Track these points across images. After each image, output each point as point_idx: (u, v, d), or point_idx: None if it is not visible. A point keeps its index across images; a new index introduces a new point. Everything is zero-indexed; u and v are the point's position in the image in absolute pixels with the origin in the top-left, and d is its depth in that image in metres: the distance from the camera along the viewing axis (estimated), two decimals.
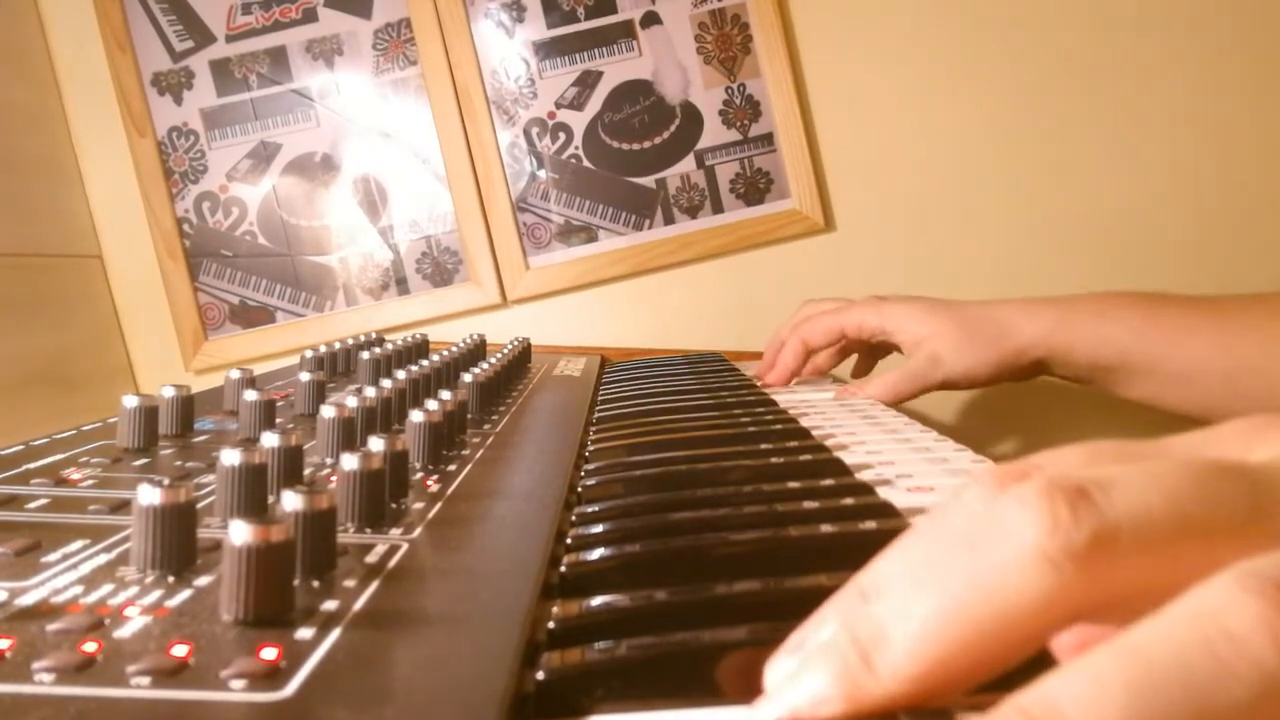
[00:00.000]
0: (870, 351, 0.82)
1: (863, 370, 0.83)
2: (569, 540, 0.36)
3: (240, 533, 0.24)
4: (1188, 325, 0.65)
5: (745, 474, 0.44)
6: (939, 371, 0.69)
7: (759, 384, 0.76)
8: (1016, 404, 1.02)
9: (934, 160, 1.04)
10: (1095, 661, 0.15)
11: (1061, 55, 1.03)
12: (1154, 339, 0.65)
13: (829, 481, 0.41)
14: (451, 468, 0.43)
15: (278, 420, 0.50)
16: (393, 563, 0.29)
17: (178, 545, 0.27)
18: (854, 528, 0.34)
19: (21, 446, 0.44)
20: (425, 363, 0.60)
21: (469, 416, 0.54)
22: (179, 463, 0.43)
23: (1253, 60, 1.02)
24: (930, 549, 0.18)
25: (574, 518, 0.39)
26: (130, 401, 0.44)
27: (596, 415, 0.65)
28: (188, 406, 0.48)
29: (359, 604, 0.26)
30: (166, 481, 0.27)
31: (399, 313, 1.05)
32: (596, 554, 0.33)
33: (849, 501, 0.38)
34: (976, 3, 1.03)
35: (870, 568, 0.19)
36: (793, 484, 0.41)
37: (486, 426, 0.53)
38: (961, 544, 0.18)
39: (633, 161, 1.05)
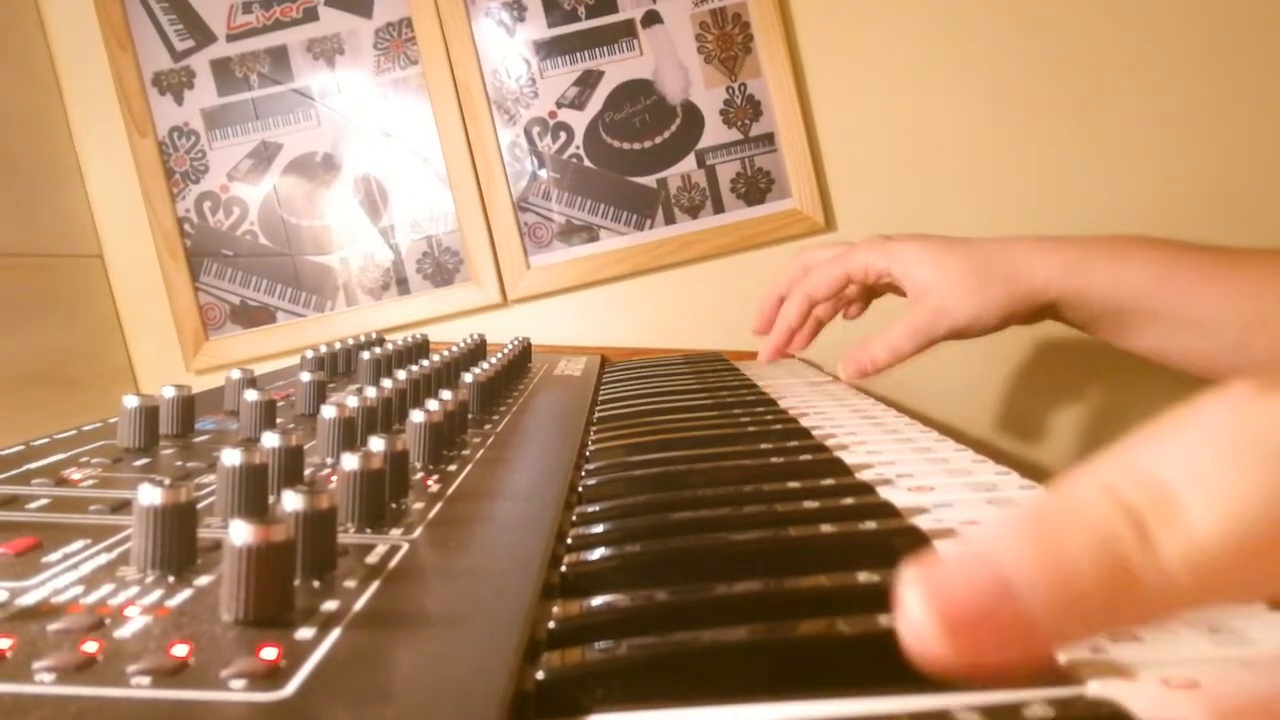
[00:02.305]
0: (866, 294, 0.78)
1: (857, 313, 0.79)
2: (569, 540, 0.36)
3: (241, 533, 0.24)
4: (1208, 273, 0.62)
5: (745, 474, 0.44)
6: (945, 322, 0.65)
7: (748, 371, 0.73)
8: (1019, 403, 1.02)
9: (934, 160, 1.04)
10: None
11: (1061, 55, 1.03)
12: (1173, 284, 0.62)
13: (829, 481, 0.41)
14: (452, 468, 0.43)
15: (278, 420, 0.50)
16: (393, 563, 0.29)
17: (178, 545, 0.27)
18: (854, 528, 0.34)
19: (22, 446, 0.44)
20: (425, 362, 0.60)
21: (469, 416, 0.54)
22: (179, 463, 0.43)
23: (1258, 52, 1.02)
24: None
25: (574, 517, 0.39)
26: (131, 401, 0.44)
27: (597, 415, 0.65)
28: (188, 406, 0.48)
29: (359, 604, 0.26)
30: (167, 481, 0.27)
31: (399, 312, 1.05)
32: (597, 554, 0.33)
33: (849, 501, 0.38)
34: (976, 3, 1.03)
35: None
36: (793, 484, 0.41)
37: (487, 426, 0.53)
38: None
39: (634, 161, 1.05)
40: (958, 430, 1.01)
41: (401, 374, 0.55)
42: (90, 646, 0.22)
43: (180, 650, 0.22)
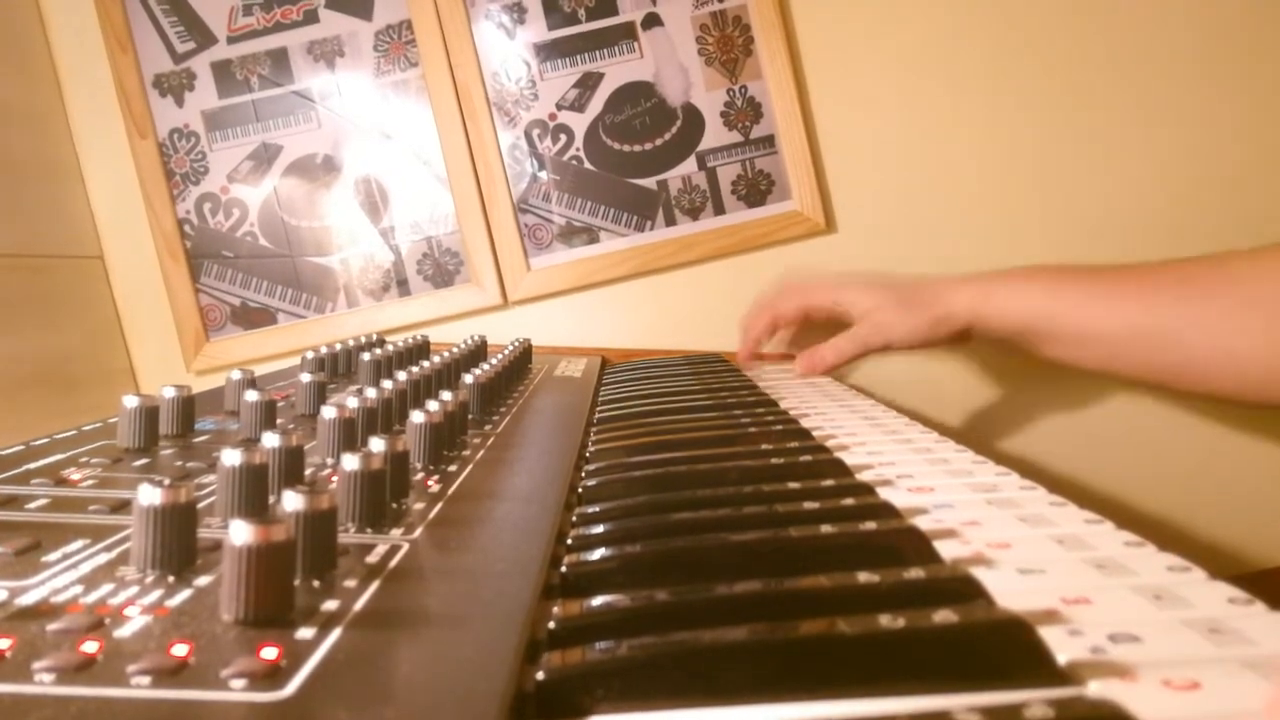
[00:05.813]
0: (835, 325, 0.89)
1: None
2: (569, 540, 0.36)
3: (241, 533, 0.24)
4: (1087, 292, 0.72)
5: (745, 474, 0.44)
6: (879, 336, 0.80)
7: (748, 372, 0.80)
8: (1018, 403, 1.02)
9: (934, 161, 1.04)
10: None
11: (1062, 56, 1.03)
12: (1057, 305, 0.72)
13: (829, 482, 0.41)
14: (452, 468, 0.43)
15: (278, 421, 0.50)
16: (393, 563, 0.29)
17: (178, 545, 0.27)
18: (854, 528, 0.34)
19: (22, 446, 0.44)
20: (426, 364, 0.60)
21: (470, 417, 0.54)
22: (179, 463, 0.43)
23: (1257, 58, 1.02)
24: None
25: (574, 518, 0.39)
26: (131, 401, 0.44)
27: (597, 416, 0.65)
28: (188, 406, 0.48)
29: (359, 604, 0.26)
30: (167, 481, 0.27)
31: (400, 314, 1.05)
32: (597, 554, 0.33)
33: (849, 502, 0.38)
34: (977, 4, 1.03)
35: None
36: (793, 484, 0.41)
37: (487, 427, 0.53)
38: None
39: (634, 163, 1.05)
40: (957, 431, 1.01)
41: (402, 375, 0.55)
42: (90, 646, 0.22)
43: (180, 650, 0.22)
